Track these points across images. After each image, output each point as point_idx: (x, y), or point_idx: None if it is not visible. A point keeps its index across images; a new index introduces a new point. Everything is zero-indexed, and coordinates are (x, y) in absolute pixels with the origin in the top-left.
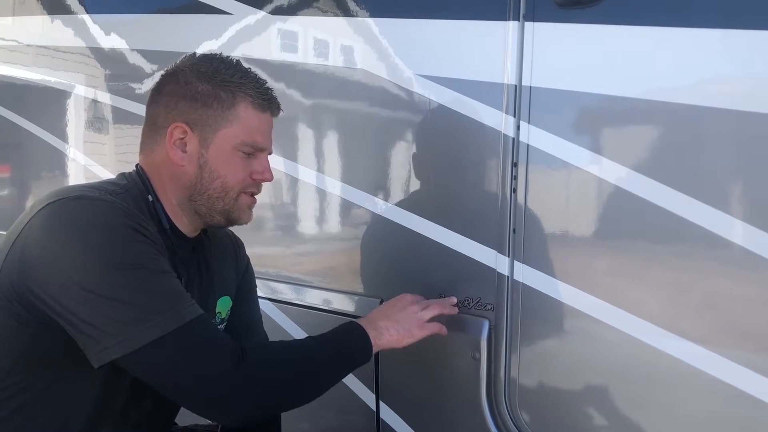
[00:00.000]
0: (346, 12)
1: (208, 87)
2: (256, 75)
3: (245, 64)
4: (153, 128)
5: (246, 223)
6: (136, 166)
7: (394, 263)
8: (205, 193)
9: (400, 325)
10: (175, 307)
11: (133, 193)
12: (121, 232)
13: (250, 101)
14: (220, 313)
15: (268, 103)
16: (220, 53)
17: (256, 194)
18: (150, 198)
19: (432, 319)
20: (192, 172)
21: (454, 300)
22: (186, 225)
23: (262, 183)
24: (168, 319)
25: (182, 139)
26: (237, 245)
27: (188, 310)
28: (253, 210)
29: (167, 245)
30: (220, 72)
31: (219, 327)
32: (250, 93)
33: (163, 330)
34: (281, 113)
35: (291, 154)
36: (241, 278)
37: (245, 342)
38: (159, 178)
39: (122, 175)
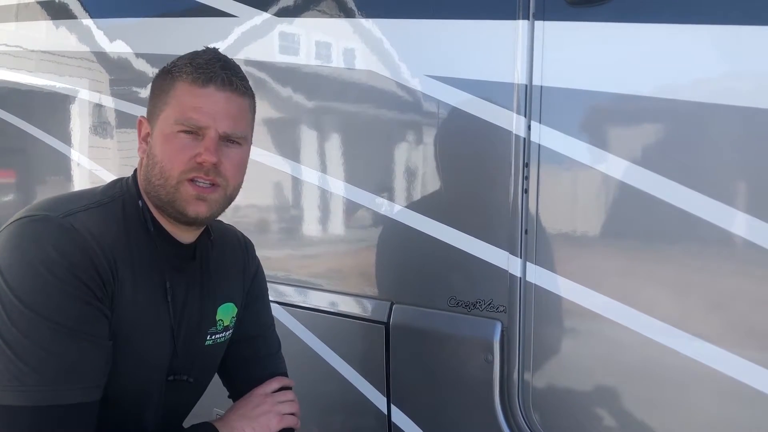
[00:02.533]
0: (352, 13)
1: (159, 78)
2: (211, 55)
3: (250, 67)
4: None
5: (198, 216)
6: (135, 169)
7: (405, 265)
8: (150, 182)
9: (257, 422)
10: (55, 383)
11: (123, 202)
12: (57, 276)
13: (185, 78)
14: (221, 320)
15: (206, 75)
16: (213, 47)
17: (212, 182)
18: (140, 203)
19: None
20: (144, 162)
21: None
22: (171, 225)
23: (211, 168)
24: (33, 392)
25: (147, 132)
26: (246, 247)
27: (64, 393)
28: (259, 212)
29: (152, 250)
30: (175, 63)
31: (223, 335)
32: (186, 69)
33: (18, 401)
34: (280, 111)
35: (298, 157)
36: (250, 283)
37: (253, 352)
38: (140, 177)
39: (118, 182)
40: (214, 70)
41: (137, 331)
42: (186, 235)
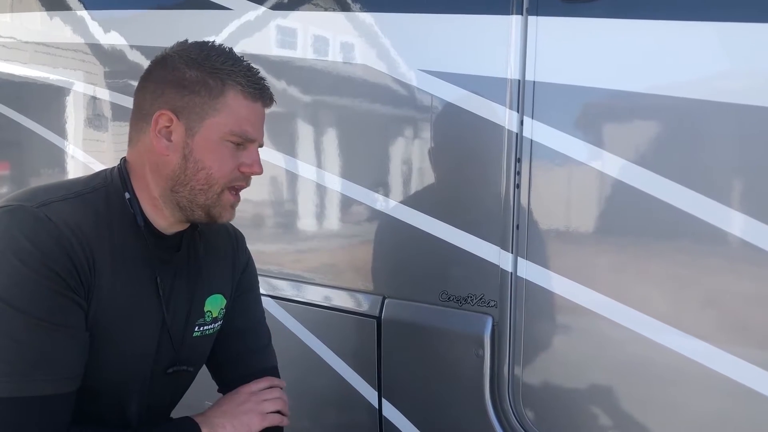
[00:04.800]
0: (347, 7)
1: (196, 73)
2: (248, 63)
3: (246, 60)
4: (139, 116)
5: (227, 221)
6: (121, 160)
7: (397, 260)
8: (188, 185)
9: (238, 420)
10: (27, 374)
11: (106, 193)
12: (30, 267)
13: (240, 89)
14: (210, 312)
15: (259, 92)
16: (213, 41)
17: (244, 188)
18: (127, 195)
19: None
20: (175, 162)
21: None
22: (167, 219)
23: (251, 177)
24: (4, 383)
25: (168, 127)
26: (236, 239)
27: (35, 384)
28: (252, 206)
29: (140, 243)
30: (211, 58)
31: (212, 326)
32: (240, 81)
33: None
34: (275, 105)
35: (292, 151)
36: (240, 275)
37: (243, 345)
38: (141, 169)
39: (102, 173)
40: (263, 86)
41: (120, 323)
42: (174, 227)
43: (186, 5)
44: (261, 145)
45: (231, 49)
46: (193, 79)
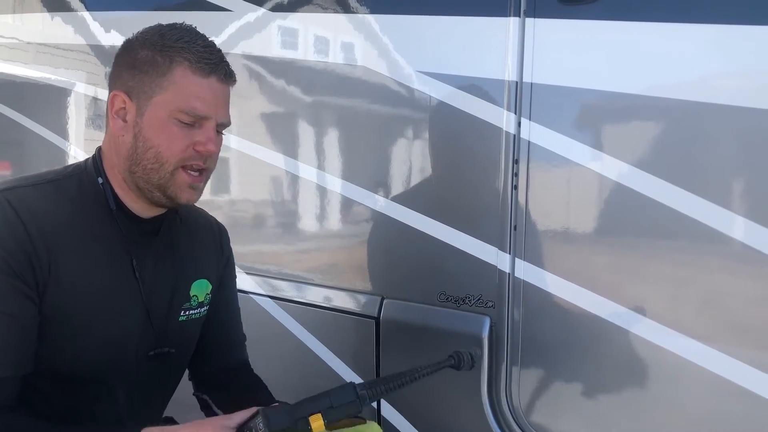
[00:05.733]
0: (346, 9)
1: (147, 53)
2: (205, 39)
3: (246, 61)
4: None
5: (188, 202)
6: (97, 148)
7: (395, 260)
8: (140, 164)
9: None
10: None
11: (79, 179)
12: None
13: (188, 65)
14: (196, 296)
15: (210, 67)
16: (183, 23)
17: (204, 169)
18: (100, 180)
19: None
20: (129, 142)
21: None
22: (138, 202)
23: (209, 157)
24: None
25: (123, 108)
26: (220, 233)
27: None
28: (253, 205)
29: (114, 227)
30: (164, 37)
31: (198, 311)
32: (189, 57)
33: None
34: (274, 106)
35: (290, 151)
36: (225, 264)
37: (223, 337)
38: (109, 153)
39: (78, 162)
40: (215, 60)
41: (94, 307)
42: (149, 211)
43: (186, 6)
44: (224, 124)
45: (191, 28)
46: (143, 58)
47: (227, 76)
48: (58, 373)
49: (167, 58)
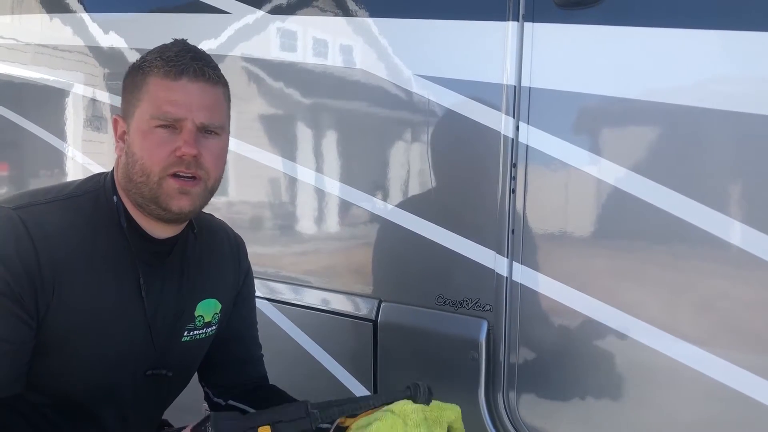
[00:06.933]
0: (345, 12)
1: (131, 74)
2: (182, 47)
3: (244, 64)
4: None
5: (181, 210)
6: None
7: (393, 264)
8: (132, 180)
9: None
10: None
11: (96, 196)
12: None
13: (157, 72)
14: (201, 316)
15: (178, 68)
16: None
17: (193, 174)
18: (115, 199)
19: None
20: (124, 160)
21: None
22: (151, 222)
23: (193, 162)
24: None
25: (123, 131)
26: (238, 247)
27: None
28: (250, 207)
29: (125, 246)
30: (144, 58)
31: (203, 331)
32: (158, 64)
33: None
34: (274, 108)
35: (289, 154)
36: (242, 282)
37: (242, 352)
38: (117, 175)
39: (97, 176)
40: (185, 61)
41: (98, 323)
42: (163, 231)
43: (185, 9)
44: (210, 125)
45: (173, 42)
46: (129, 80)
47: (198, 74)
48: (54, 392)
49: (142, 73)
